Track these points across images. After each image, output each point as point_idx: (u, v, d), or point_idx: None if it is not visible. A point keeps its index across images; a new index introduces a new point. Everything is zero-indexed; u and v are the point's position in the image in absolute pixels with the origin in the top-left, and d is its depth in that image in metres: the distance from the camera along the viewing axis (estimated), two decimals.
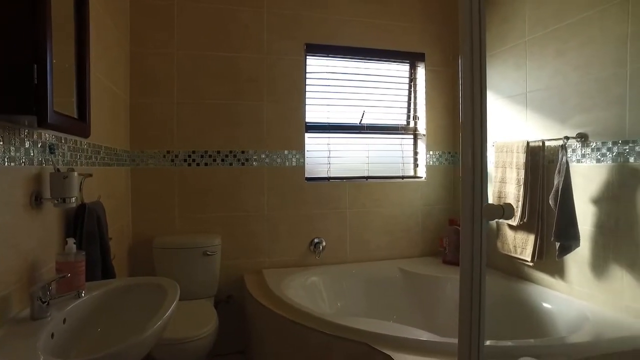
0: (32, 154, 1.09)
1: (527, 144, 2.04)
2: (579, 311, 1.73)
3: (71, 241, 1.14)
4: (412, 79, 2.82)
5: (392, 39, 2.67)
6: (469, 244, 0.99)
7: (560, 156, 1.86)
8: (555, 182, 1.86)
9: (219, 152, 2.39)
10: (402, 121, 2.81)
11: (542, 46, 2.06)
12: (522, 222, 2.04)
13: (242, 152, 2.43)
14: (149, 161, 2.30)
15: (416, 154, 2.83)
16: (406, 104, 2.83)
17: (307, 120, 2.55)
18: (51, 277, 1.07)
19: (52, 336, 0.93)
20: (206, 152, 2.37)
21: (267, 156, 2.47)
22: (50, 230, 1.23)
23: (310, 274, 2.36)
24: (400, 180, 2.74)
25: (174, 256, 2.16)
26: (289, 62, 2.49)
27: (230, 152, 2.41)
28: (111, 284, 1.28)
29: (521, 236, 2.09)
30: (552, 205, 1.87)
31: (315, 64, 2.61)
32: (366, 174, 2.70)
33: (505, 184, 2.18)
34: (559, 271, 1.97)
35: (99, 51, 1.62)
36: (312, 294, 2.24)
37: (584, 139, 1.83)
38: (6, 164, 0.96)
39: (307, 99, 2.55)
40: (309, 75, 2.57)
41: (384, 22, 2.65)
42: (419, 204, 2.75)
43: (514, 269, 2.24)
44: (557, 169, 1.87)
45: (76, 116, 1.22)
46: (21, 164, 1.04)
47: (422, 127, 2.78)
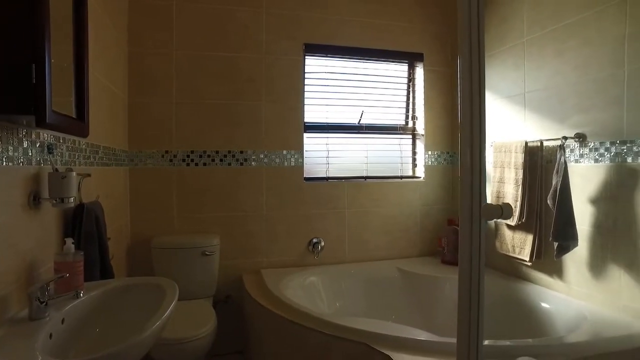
0: (30, 154, 1.09)
1: (526, 144, 2.05)
2: (577, 311, 1.74)
3: (69, 241, 1.14)
4: (411, 79, 2.82)
5: (391, 39, 2.67)
6: (467, 244, 1.00)
7: (558, 156, 1.86)
8: (553, 182, 1.87)
9: (217, 152, 2.39)
10: (401, 121, 2.81)
11: (540, 46, 2.06)
12: (520, 222, 2.04)
13: (241, 152, 2.42)
14: (148, 161, 2.30)
15: (415, 154, 2.83)
16: (405, 104, 2.83)
17: (306, 120, 2.55)
18: (49, 277, 1.07)
19: (51, 336, 0.93)
20: (205, 152, 2.37)
21: (265, 156, 2.46)
22: (48, 230, 1.22)
23: (308, 274, 2.36)
24: (398, 180, 2.75)
25: (173, 256, 2.15)
26: (288, 62, 2.49)
27: (228, 152, 2.41)
28: (110, 284, 1.27)
29: (519, 236, 2.09)
30: (550, 205, 1.87)
31: (314, 64, 2.61)
32: (365, 174, 2.70)
33: (503, 184, 2.18)
34: (557, 271, 1.97)
35: (97, 51, 1.62)
36: (310, 294, 2.24)
37: (582, 139, 1.84)
38: (4, 163, 0.96)
39: (305, 99, 2.55)
40: (307, 75, 2.57)
41: (383, 22, 2.65)
42: (418, 204, 2.76)
43: (512, 269, 2.24)
44: (555, 169, 1.87)
45: (75, 116, 1.22)
46: (19, 164, 1.03)
47: (420, 127, 2.79)
